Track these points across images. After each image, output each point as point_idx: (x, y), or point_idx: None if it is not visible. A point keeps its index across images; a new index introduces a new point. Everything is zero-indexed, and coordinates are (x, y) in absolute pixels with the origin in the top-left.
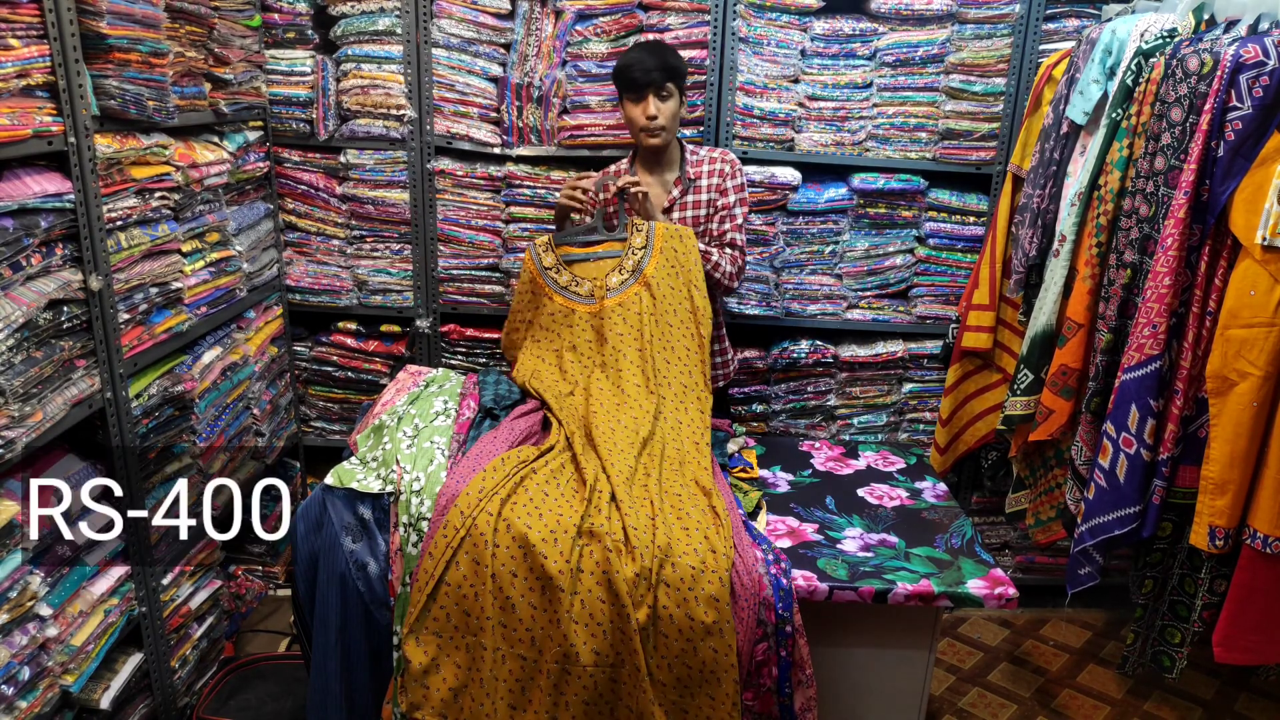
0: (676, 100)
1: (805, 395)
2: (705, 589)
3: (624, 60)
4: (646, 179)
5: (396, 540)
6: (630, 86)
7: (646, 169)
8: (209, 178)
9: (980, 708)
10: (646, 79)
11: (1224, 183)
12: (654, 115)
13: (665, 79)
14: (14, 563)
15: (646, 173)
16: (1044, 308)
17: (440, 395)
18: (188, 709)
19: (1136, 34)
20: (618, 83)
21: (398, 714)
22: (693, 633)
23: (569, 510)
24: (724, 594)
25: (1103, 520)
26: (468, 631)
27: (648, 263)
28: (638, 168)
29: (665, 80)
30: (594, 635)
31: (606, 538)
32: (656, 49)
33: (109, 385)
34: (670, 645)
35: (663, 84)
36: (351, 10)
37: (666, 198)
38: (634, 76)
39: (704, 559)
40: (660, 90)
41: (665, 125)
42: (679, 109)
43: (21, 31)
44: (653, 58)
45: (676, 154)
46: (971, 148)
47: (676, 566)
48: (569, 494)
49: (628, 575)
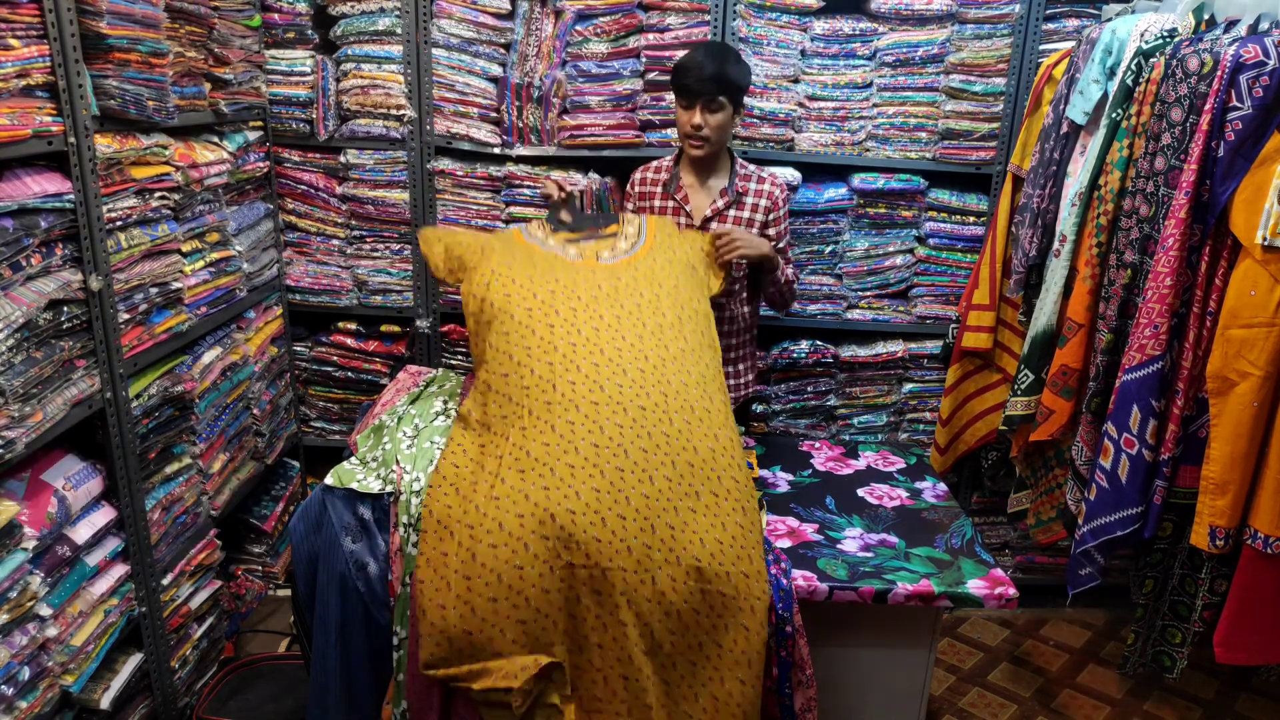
0: (728, 112)
1: (805, 395)
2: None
3: (684, 61)
4: (691, 181)
5: (396, 540)
6: (682, 92)
7: (692, 172)
8: (209, 178)
9: (980, 708)
10: (699, 88)
11: (1224, 183)
12: (700, 125)
13: (718, 91)
14: (14, 563)
15: (691, 175)
16: (1044, 308)
17: (440, 395)
18: (188, 709)
19: (1136, 34)
20: (673, 81)
21: (398, 714)
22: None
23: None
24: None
25: (1104, 521)
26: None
27: (640, 247)
28: (682, 169)
29: (718, 93)
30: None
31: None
32: (720, 54)
33: (109, 385)
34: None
35: (715, 95)
36: (351, 10)
37: (709, 206)
38: (687, 84)
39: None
40: (711, 101)
41: (710, 137)
42: (730, 121)
43: (21, 31)
44: (712, 64)
45: (726, 164)
46: (971, 148)
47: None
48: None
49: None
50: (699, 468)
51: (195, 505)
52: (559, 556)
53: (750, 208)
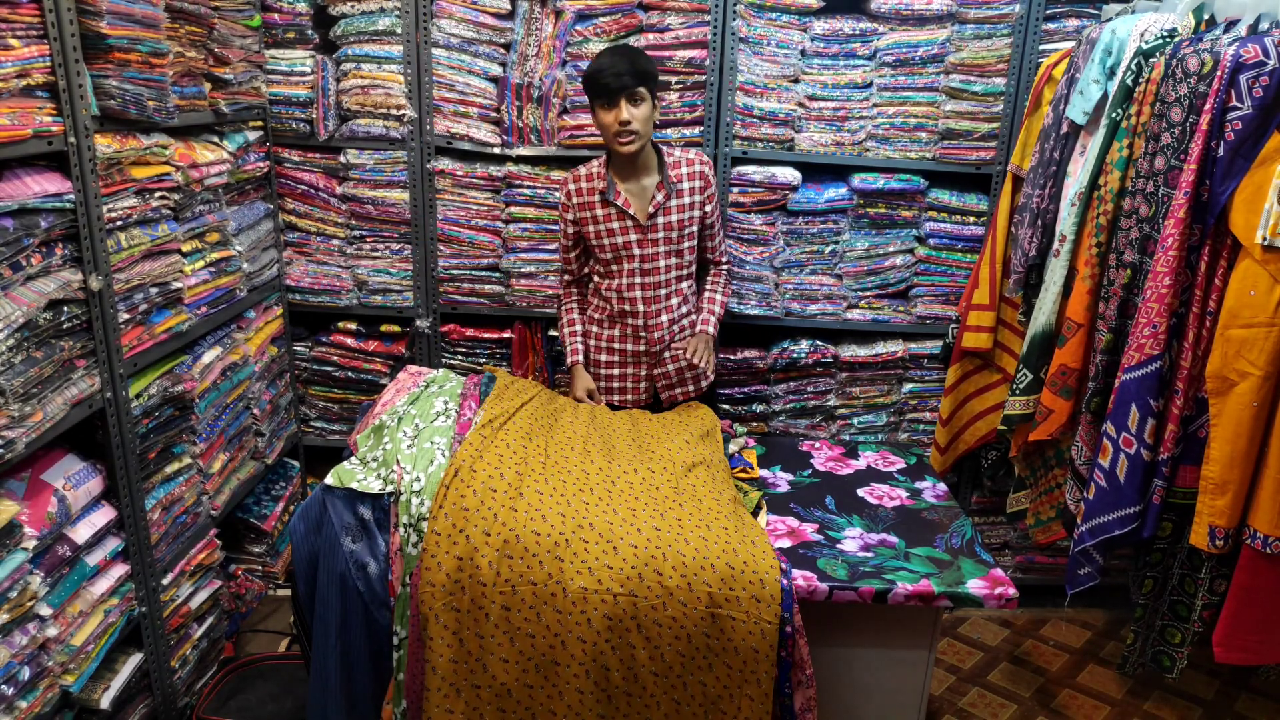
0: (649, 104)
1: (805, 395)
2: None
3: (593, 66)
4: (625, 184)
5: (396, 540)
6: (601, 92)
7: (622, 175)
8: (209, 178)
9: (980, 708)
10: (618, 84)
11: (1224, 183)
12: (627, 120)
13: (636, 83)
14: (14, 562)
15: (622, 179)
16: (1044, 308)
17: (440, 395)
18: (188, 709)
19: (1136, 34)
20: (588, 89)
21: (398, 714)
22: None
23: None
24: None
25: (1103, 520)
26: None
27: None
28: (613, 173)
29: (636, 84)
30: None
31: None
32: (625, 53)
33: (109, 385)
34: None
35: (634, 88)
36: (351, 10)
37: (651, 204)
38: (605, 82)
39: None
40: (632, 95)
41: (639, 130)
42: (652, 113)
43: (21, 31)
44: (623, 61)
45: (654, 158)
46: (971, 148)
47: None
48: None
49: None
50: (703, 498)
51: (195, 505)
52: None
53: (688, 192)
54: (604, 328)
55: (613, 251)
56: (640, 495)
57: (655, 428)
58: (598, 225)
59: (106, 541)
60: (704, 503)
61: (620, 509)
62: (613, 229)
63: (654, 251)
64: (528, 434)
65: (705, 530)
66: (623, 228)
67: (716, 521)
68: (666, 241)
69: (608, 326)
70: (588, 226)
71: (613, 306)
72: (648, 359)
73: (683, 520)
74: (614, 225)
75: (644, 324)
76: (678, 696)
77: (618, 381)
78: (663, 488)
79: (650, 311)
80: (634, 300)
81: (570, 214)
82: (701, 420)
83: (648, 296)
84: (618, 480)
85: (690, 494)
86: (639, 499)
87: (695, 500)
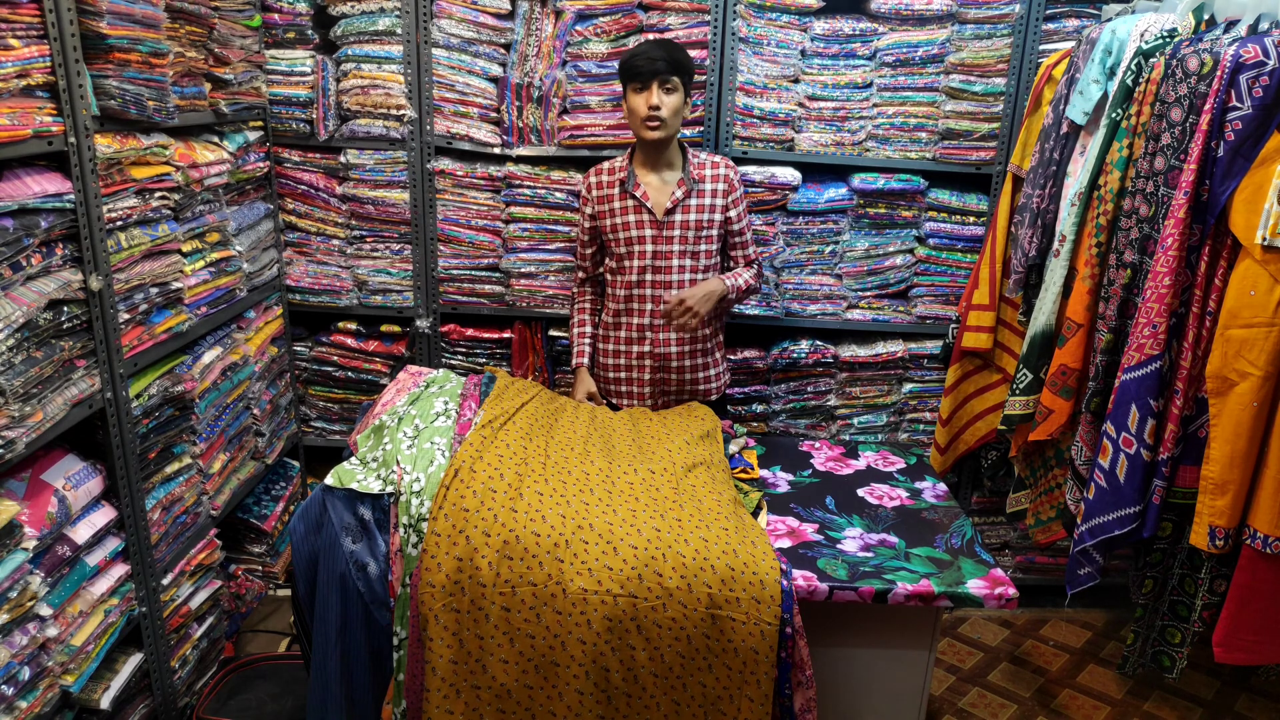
0: (681, 96)
1: (805, 395)
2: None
3: (631, 51)
4: (646, 177)
5: (396, 541)
6: (635, 75)
7: (647, 167)
8: (209, 178)
9: (980, 708)
10: (652, 68)
11: (1224, 183)
12: (656, 105)
13: (671, 71)
14: (14, 563)
15: (646, 171)
16: (1044, 308)
17: (441, 396)
18: (188, 709)
19: (1136, 34)
20: (623, 73)
21: (398, 714)
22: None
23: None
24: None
25: (1103, 520)
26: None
27: None
28: (636, 166)
29: (671, 72)
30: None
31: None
32: (664, 43)
33: (109, 385)
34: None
35: (668, 75)
36: (351, 10)
37: (670, 199)
38: (638, 65)
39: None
40: (665, 81)
41: (667, 118)
42: (683, 106)
43: (21, 31)
44: (661, 49)
45: (678, 155)
46: (971, 148)
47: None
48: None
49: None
50: (703, 499)
51: (195, 505)
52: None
53: (709, 193)
54: (611, 329)
55: (626, 245)
56: (640, 496)
57: (655, 428)
58: (614, 217)
59: (106, 541)
60: (704, 503)
61: (620, 510)
62: (628, 221)
63: (668, 249)
64: (528, 434)
65: (705, 531)
66: (639, 221)
67: (717, 522)
68: (682, 240)
69: (614, 328)
70: (605, 219)
71: (621, 304)
72: (652, 360)
73: (683, 521)
74: (630, 218)
75: (649, 323)
76: (677, 697)
77: (624, 385)
78: (663, 488)
79: (657, 311)
80: (642, 298)
81: (589, 207)
82: (701, 421)
83: (656, 295)
84: (618, 481)
85: (690, 495)
86: (639, 500)
87: (695, 501)
